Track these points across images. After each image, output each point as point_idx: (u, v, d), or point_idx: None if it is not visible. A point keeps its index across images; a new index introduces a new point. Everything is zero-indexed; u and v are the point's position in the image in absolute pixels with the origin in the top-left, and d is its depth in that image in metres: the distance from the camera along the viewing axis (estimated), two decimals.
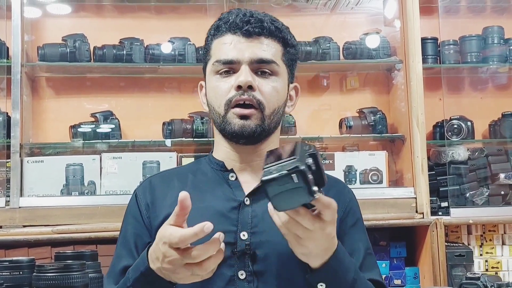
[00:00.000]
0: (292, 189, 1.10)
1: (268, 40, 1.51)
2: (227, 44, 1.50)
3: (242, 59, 1.48)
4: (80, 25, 3.34)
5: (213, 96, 1.52)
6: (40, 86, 3.34)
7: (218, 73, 1.51)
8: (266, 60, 1.49)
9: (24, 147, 3.01)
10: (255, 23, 1.49)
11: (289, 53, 1.56)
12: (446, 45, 3.36)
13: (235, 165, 1.55)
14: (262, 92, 1.48)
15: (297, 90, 1.64)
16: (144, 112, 3.39)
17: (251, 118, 1.47)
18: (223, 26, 1.52)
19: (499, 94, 3.60)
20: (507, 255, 3.13)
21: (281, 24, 1.56)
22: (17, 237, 2.79)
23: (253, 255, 1.44)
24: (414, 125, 3.07)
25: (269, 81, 1.50)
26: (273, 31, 1.51)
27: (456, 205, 3.13)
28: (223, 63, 1.50)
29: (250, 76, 1.46)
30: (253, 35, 1.49)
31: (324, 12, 3.57)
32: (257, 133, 1.48)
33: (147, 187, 1.58)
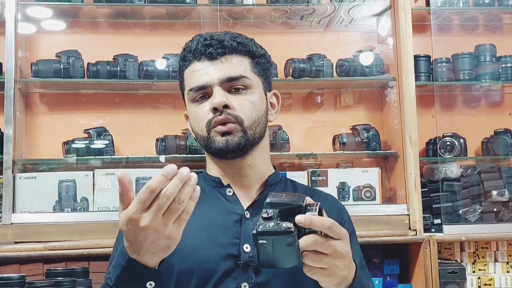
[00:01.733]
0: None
1: (234, 57, 1.54)
2: (195, 71, 1.53)
3: (212, 82, 1.51)
4: (74, 41, 3.35)
5: (195, 122, 1.55)
6: (33, 102, 3.34)
7: (195, 100, 1.55)
8: (235, 77, 1.52)
9: (17, 163, 3.00)
10: (216, 44, 1.52)
11: (259, 63, 1.58)
12: (438, 62, 3.38)
13: (230, 181, 1.58)
14: (238, 108, 1.50)
15: (277, 96, 1.67)
16: (137, 128, 3.39)
17: (233, 133, 1.49)
18: (188, 55, 1.56)
19: (492, 111, 3.61)
20: (500, 272, 3.13)
21: (243, 38, 1.58)
22: (9, 253, 2.77)
23: (256, 267, 1.45)
24: (407, 142, 3.08)
25: (243, 96, 1.52)
26: (235, 48, 1.54)
27: (449, 222, 3.13)
28: (196, 90, 1.53)
29: (224, 96, 1.49)
30: (217, 57, 1.52)
31: (318, 29, 3.59)
32: (242, 145, 1.50)
33: None
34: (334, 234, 1.20)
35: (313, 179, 3.16)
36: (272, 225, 1.15)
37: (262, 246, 1.16)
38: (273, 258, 1.17)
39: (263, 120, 1.56)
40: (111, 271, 1.30)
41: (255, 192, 1.57)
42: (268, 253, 1.16)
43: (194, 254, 1.47)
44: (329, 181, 3.17)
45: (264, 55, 1.61)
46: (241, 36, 1.58)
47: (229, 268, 1.44)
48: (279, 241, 1.15)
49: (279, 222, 1.16)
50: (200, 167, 1.65)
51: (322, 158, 3.36)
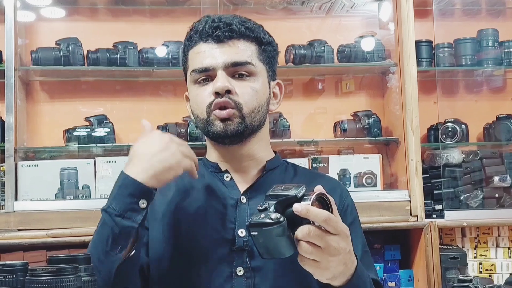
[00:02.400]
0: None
1: (241, 42, 1.52)
2: (200, 53, 1.52)
3: (216, 65, 1.50)
4: (74, 28, 3.34)
5: (195, 104, 1.55)
6: (34, 90, 3.33)
7: (197, 82, 1.54)
8: (240, 62, 1.51)
9: (18, 151, 3.00)
10: (224, 27, 1.50)
11: (265, 51, 1.57)
12: (440, 48, 3.37)
13: (228, 166, 1.58)
14: (240, 94, 1.50)
15: (281, 86, 1.66)
16: (138, 116, 3.38)
17: (231, 118, 1.49)
18: (194, 35, 1.54)
19: (494, 97, 3.60)
20: (501, 258, 3.14)
21: (252, 23, 1.57)
22: (11, 241, 2.78)
23: (250, 252, 1.46)
24: (409, 128, 3.08)
25: (246, 82, 1.51)
26: (243, 32, 1.52)
27: (450, 208, 3.13)
28: (199, 72, 1.52)
29: (227, 81, 1.48)
30: (224, 40, 1.51)
31: (319, 15, 3.57)
32: (240, 132, 1.50)
33: None
34: (330, 228, 1.19)
35: (314, 166, 3.16)
36: (262, 216, 1.16)
37: (255, 237, 1.17)
38: (268, 248, 1.18)
39: (264, 108, 1.55)
40: (108, 200, 1.36)
41: (253, 177, 1.57)
42: (262, 244, 1.18)
43: (189, 238, 1.48)
44: (330, 167, 3.17)
45: (271, 43, 1.60)
46: (249, 22, 1.57)
47: (224, 252, 1.45)
48: (268, 232, 1.15)
49: (270, 213, 1.16)
50: (201, 155, 1.65)
51: (323, 144, 3.36)
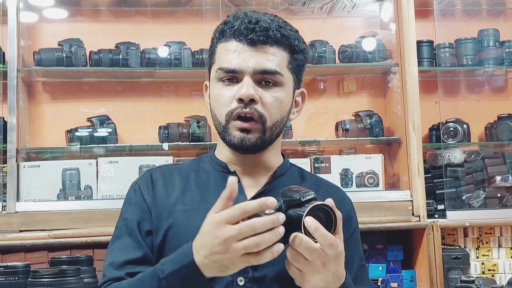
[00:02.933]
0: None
1: (274, 49, 1.46)
2: (231, 51, 1.46)
3: (245, 69, 1.44)
4: (76, 29, 3.35)
5: (215, 104, 1.49)
6: (36, 91, 3.34)
7: (221, 80, 1.48)
8: (270, 71, 1.45)
9: (21, 152, 3.01)
10: (260, 31, 1.44)
11: (296, 59, 1.52)
12: (441, 48, 3.37)
13: (237, 169, 1.54)
14: (264, 104, 1.45)
15: (304, 95, 1.62)
16: (140, 116, 3.39)
17: (252, 132, 1.44)
18: (228, 31, 1.48)
19: (495, 96, 3.61)
20: (504, 258, 3.13)
21: (289, 29, 1.50)
22: (13, 242, 2.79)
23: None
24: (410, 128, 3.08)
25: (272, 91, 1.46)
26: (279, 39, 1.46)
27: (452, 207, 3.13)
28: (226, 71, 1.46)
29: (252, 88, 1.43)
30: (258, 44, 1.44)
31: (320, 15, 3.57)
32: (258, 145, 1.46)
33: (149, 180, 1.55)
34: (330, 252, 1.20)
35: (316, 166, 3.16)
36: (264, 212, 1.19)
37: None
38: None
39: (285, 120, 1.52)
40: (166, 264, 1.29)
41: (262, 183, 1.53)
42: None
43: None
44: (332, 168, 3.17)
45: (304, 51, 1.55)
46: (287, 27, 1.50)
47: None
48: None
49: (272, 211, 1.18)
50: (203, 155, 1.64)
51: (325, 145, 3.36)
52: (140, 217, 1.50)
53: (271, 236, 1.17)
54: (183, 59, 3.21)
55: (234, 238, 1.18)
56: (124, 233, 1.49)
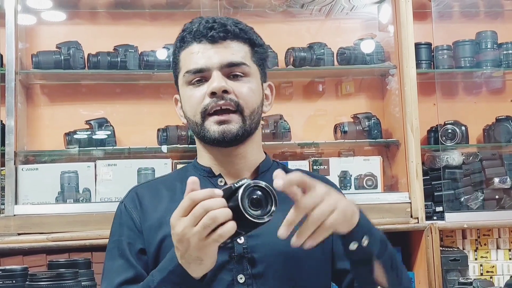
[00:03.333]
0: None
1: (235, 43, 1.49)
2: (194, 53, 1.48)
3: (211, 65, 1.46)
4: (74, 32, 3.35)
5: (188, 106, 1.50)
6: (34, 94, 3.34)
7: (190, 83, 1.49)
8: (236, 63, 1.48)
9: (19, 154, 3.01)
10: (218, 28, 1.47)
11: (257, 52, 1.54)
12: (439, 50, 3.37)
13: (221, 170, 1.55)
14: (238, 94, 1.46)
15: (272, 88, 1.63)
16: (139, 119, 3.39)
17: (231, 122, 1.46)
18: (187, 36, 1.50)
19: (493, 98, 3.61)
20: (502, 259, 3.14)
21: (244, 25, 1.54)
22: (12, 245, 2.78)
23: (251, 259, 1.43)
24: (409, 130, 3.08)
25: (242, 83, 1.48)
26: (238, 34, 1.50)
27: (450, 209, 3.13)
28: (193, 73, 1.48)
29: (223, 80, 1.45)
30: (219, 40, 1.47)
31: (319, 17, 3.58)
32: (239, 136, 1.47)
33: (135, 197, 1.55)
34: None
35: (315, 168, 3.16)
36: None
37: None
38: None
39: (260, 110, 1.53)
40: (156, 274, 1.30)
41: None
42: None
43: None
44: (331, 170, 3.17)
45: (263, 45, 1.58)
46: (242, 23, 1.55)
47: (223, 260, 1.40)
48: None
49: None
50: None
51: (323, 147, 3.36)
52: (130, 237, 1.50)
53: (218, 203, 1.16)
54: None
55: (190, 226, 1.18)
56: (116, 254, 1.50)
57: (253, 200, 1.18)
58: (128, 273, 1.45)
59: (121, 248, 1.49)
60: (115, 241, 1.53)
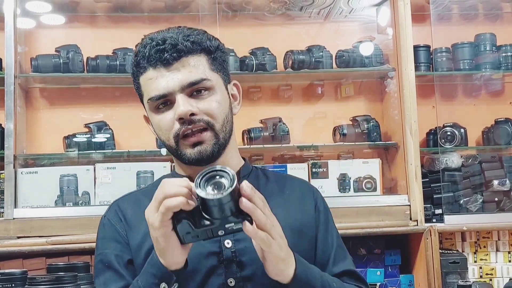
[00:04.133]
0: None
1: (191, 58, 1.46)
2: (152, 79, 1.46)
3: (172, 89, 1.44)
4: (74, 35, 3.35)
5: (160, 131, 1.49)
6: (33, 97, 3.34)
7: (156, 108, 1.48)
8: (196, 81, 1.45)
9: (18, 158, 3.01)
10: (170, 49, 1.44)
11: (216, 59, 1.51)
12: (438, 52, 3.38)
13: None
14: (206, 112, 1.45)
15: (237, 86, 1.61)
16: (138, 122, 3.33)
17: (204, 142, 1.45)
18: (141, 62, 1.48)
19: (492, 100, 3.61)
20: (501, 262, 3.14)
21: (196, 35, 1.49)
22: (11, 248, 2.78)
23: (239, 262, 1.44)
24: (408, 132, 3.08)
25: (208, 98, 1.46)
26: (191, 48, 1.46)
27: (450, 212, 3.13)
28: (156, 99, 1.46)
29: (188, 104, 1.43)
30: (173, 62, 1.44)
31: (317, 20, 3.58)
32: (216, 152, 1.47)
33: (117, 211, 1.55)
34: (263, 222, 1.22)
35: (314, 171, 3.16)
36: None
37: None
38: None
39: (230, 116, 1.52)
40: (141, 276, 1.34)
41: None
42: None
43: None
44: (330, 172, 3.17)
45: (219, 47, 1.54)
46: (193, 33, 1.49)
47: (212, 265, 1.42)
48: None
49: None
50: None
51: (322, 149, 3.36)
52: (117, 249, 1.50)
53: (176, 182, 1.21)
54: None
55: (153, 212, 1.22)
56: (103, 268, 1.50)
57: (214, 185, 1.20)
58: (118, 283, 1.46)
59: (107, 261, 1.50)
60: (100, 255, 1.53)
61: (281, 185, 1.58)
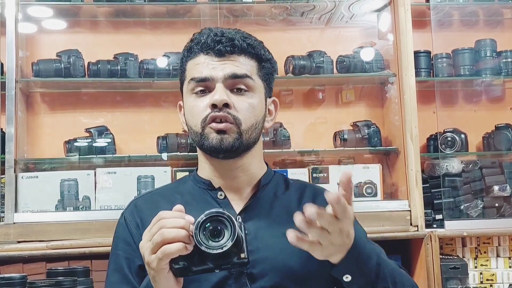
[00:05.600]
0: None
1: (241, 58, 1.50)
2: (200, 64, 1.50)
3: (216, 76, 1.47)
4: (75, 40, 3.35)
5: (190, 115, 1.52)
6: (34, 102, 3.34)
7: (194, 92, 1.51)
8: (240, 75, 1.48)
9: (19, 162, 3.01)
10: (226, 42, 1.48)
11: (264, 67, 1.55)
12: (439, 58, 3.38)
13: (221, 183, 1.55)
14: (238, 109, 1.47)
15: (276, 104, 1.65)
16: (139, 127, 3.40)
17: (228, 132, 1.46)
18: (195, 47, 1.52)
19: (493, 106, 3.61)
20: (502, 268, 3.13)
21: (253, 40, 1.55)
22: (11, 253, 2.78)
23: (250, 274, 1.43)
24: (408, 138, 3.08)
25: (244, 97, 1.49)
26: (245, 48, 1.51)
27: (450, 217, 3.13)
28: (197, 81, 1.49)
29: (225, 94, 1.46)
30: (225, 54, 1.49)
31: (318, 26, 3.59)
32: (235, 147, 1.47)
33: (134, 210, 1.56)
34: (343, 218, 1.21)
35: (314, 176, 3.16)
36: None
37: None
38: None
39: (260, 125, 1.54)
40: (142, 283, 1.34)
41: (247, 195, 1.55)
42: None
43: None
44: (331, 177, 3.17)
45: (271, 60, 1.59)
46: (251, 38, 1.55)
47: (223, 276, 1.41)
48: None
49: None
50: None
51: (323, 154, 3.36)
52: (127, 252, 1.51)
53: (174, 223, 1.20)
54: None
55: (146, 241, 1.23)
56: (114, 268, 1.52)
57: (212, 231, 1.20)
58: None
59: (118, 263, 1.51)
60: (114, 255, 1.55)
61: (300, 194, 1.57)
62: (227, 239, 1.18)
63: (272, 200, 1.55)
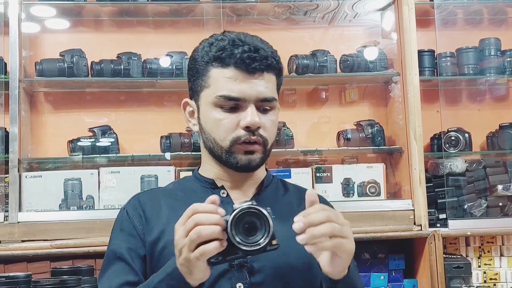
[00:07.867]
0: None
1: (269, 75, 1.52)
2: (231, 79, 1.48)
3: (248, 98, 1.48)
4: (78, 40, 3.36)
5: (215, 128, 1.51)
6: (38, 101, 3.35)
7: (220, 106, 1.50)
8: (269, 99, 1.51)
9: (23, 162, 3.01)
10: (260, 60, 1.48)
11: (280, 81, 1.59)
12: (443, 57, 3.37)
13: (224, 183, 1.58)
14: (266, 129, 1.51)
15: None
16: (142, 126, 3.40)
17: (255, 152, 1.50)
18: (227, 58, 1.48)
19: (497, 105, 3.61)
20: (506, 267, 3.13)
21: (276, 52, 1.56)
22: (15, 252, 2.79)
23: (250, 268, 1.46)
24: (412, 137, 3.08)
25: (268, 116, 1.52)
26: (274, 66, 1.52)
27: (454, 217, 3.13)
28: (228, 99, 1.48)
29: (257, 116, 1.48)
30: (257, 72, 1.48)
31: (322, 25, 3.58)
32: (260, 164, 1.54)
33: (137, 204, 1.58)
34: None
35: (318, 175, 3.16)
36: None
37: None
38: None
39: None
40: (155, 275, 1.34)
41: (250, 194, 1.58)
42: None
43: None
44: (334, 177, 3.17)
45: (282, 71, 1.60)
46: (274, 50, 1.56)
47: (224, 269, 1.44)
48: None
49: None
50: None
51: (326, 154, 3.36)
52: (131, 243, 1.52)
53: (210, 219, 1.19)
54: (184, 69, 3.21)
55: (182, 236, 1.22)
56: (114, 259, 1.51)
57: (246, 226, 1.20)
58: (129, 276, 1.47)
59: (121, 252, 1.51)
60: (113, 245, 1.55)
61: (299, 197, 1.59)
62: (262, 235, 1.19)
63: (274, 200, 1.58)
